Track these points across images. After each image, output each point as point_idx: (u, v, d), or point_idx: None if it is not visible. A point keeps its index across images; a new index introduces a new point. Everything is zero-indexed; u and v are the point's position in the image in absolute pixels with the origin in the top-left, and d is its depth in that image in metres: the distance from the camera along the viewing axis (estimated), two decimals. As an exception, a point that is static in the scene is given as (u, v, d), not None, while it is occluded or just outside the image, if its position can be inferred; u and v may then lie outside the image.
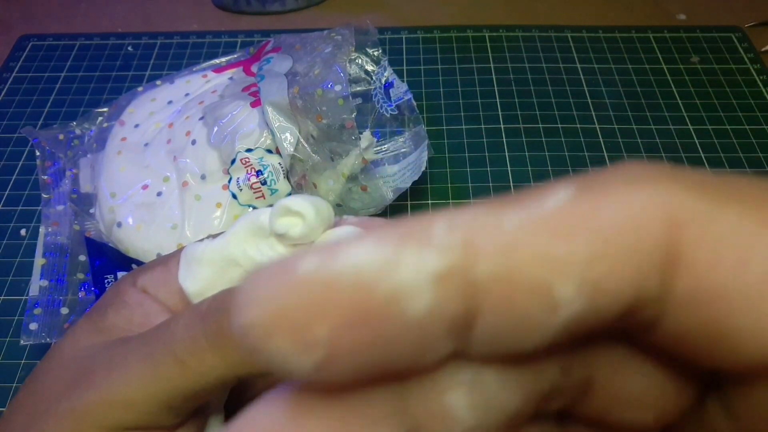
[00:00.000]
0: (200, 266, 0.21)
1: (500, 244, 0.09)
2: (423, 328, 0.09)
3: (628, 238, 0.09)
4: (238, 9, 0.56)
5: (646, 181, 0.10)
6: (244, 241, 0.20)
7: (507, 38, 0.53)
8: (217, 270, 0.20)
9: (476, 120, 0.46)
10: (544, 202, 0.10)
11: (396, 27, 0.54)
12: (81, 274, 0.35)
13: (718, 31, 0.53)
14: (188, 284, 0.21)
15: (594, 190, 0.10)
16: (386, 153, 0.41)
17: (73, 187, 0.39)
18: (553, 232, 0.09)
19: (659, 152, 0.44)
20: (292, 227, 0.19)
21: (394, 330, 0.09)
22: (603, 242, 0.09)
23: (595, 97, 0.48)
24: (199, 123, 0.38)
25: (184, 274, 0.21)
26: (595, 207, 0.10)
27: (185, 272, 0.21)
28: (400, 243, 0.09)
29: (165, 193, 0.36)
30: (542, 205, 0.10)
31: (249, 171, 0.36)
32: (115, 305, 0.21)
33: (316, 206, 0.19)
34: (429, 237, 0.09)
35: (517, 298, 0.09)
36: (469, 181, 0.42)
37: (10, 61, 0.52)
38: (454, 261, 0.09)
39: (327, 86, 0.37)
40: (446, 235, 0.09)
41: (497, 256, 0.09)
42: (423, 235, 0.09)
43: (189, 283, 0.21)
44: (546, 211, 0.10)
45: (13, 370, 0.34)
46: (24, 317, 0.34)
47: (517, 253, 0.09)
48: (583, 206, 0.10)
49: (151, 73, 0.50)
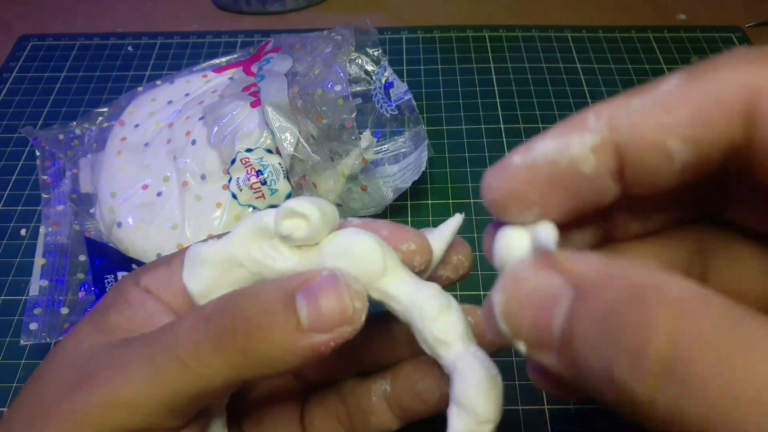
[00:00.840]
0: (204, 267, 0.20)
1: (630, 120, 0.15)
2: (594, 179, 0.16)
3: (717, 104, 0.14)
4: (238, 9, 0.56)
5: (734, 63, 0.15)
6: (248, 242, 0.20)
7: (507, 38, 0.53)
8: (220, 271, 0.20)
9: (476, 120, 0.46)
10: (661, 88, 0.15)
11: (396, 27, 0.54)
12: (81, 274, 0.35)
13: (718, 31, 0.53)
14: (192, 284, 0.21)
15: (695, 75, 0.15)
16: (386, 153, 0.41)
17: (73, 187, 0.39)
18: (663, 107, 0.15)
19: (659, 152, 0.44)
20: (296, 229, 0.19)
21: (578, 184, 0.16)
22: (698, 109, 0.14)
23: (595, 97, 0.48)
24: (199, 123, 0.38)
25: (188, 275, 0.21)
26: (694, 86, 0.15)
27: (189, 273, 0.21)
28: (568, 132, 0.16)
29: (165, 193, 0.36)
30: (658, 89, 0.15)
31: (249, 171, 0.36)
32: (117, 305, 0.21)
33: (320, 208, 0.19)
34: (585, 124, 0.16)
35: (644, 153, 0.15)
36: (469, 181, 0.42)
37: (10, 61, 0.52)
38: (603, 136, 0.15)
39: (327, 86, 0.37)
40: (595, 121, 0.16)
41: (628, 127, 0.15)
42: (581, 124, 0.16)
43: (193, 283, 0.21)
44: (659, 93, 0.15)
45: (13, 370, 0.34)
46: (24, 317, 0.34)
47: (640, 124, 0.15)
48: (685, 87, 0.15)
49: (151, 73, 0.50)
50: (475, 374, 0.18)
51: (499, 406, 0.19)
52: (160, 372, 0.18)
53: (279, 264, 0.20)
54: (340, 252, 0.19)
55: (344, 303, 0.18)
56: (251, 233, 0.20)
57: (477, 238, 0.39)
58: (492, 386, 0.19)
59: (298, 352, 0.18)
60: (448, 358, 0.19)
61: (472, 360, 0.19)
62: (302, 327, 0.18)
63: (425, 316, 0.19)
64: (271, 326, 0.18)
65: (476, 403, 0.18)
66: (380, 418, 0.24)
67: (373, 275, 0.19)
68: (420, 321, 0.19)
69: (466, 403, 0.18)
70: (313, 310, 0.18)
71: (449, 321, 0.19)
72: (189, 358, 0.18)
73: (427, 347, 0.20)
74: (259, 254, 0.20)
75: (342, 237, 0.20)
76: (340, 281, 0.18)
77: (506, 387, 0.32)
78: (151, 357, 0.19)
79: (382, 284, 0.19)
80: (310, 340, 0.18)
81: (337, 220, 0.20)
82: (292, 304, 0.18)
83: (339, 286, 0.18)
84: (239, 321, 0.18)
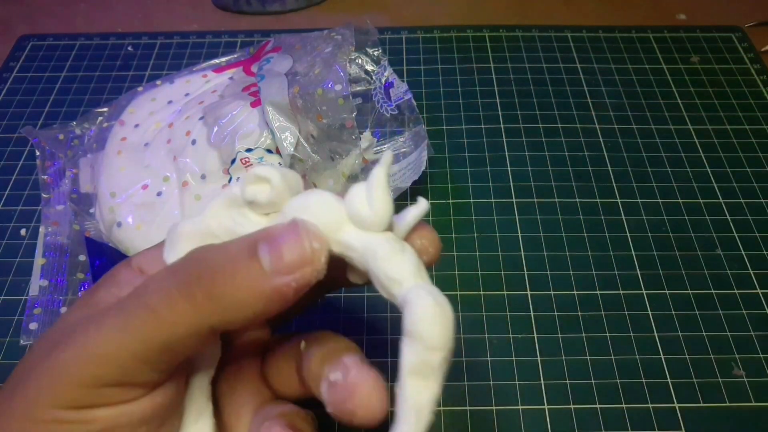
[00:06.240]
0: (181, 241, 0.22)
1: None
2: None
3: None
4: (238, 9, 0.56)
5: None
6: (220, 213, 0.22)
7: (507, 38, 0.53)
8: (197, 243, 0.21)
9: (476, 120, 0.46)
10: None
11: (396, 27, 0.54)
12: (81, 274, 0.35)
13: (718, 31, 0.53)
14: (171, 259, 0.22)
15: None
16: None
17: (73, 187, 0.39)
18: None
19: (659, 152, 0.44)
20: (260, 193, 0.21)
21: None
22: None
23: (595, 97, 0.48)
24: (199, 123, 0.38)
25: (167, 251, 0.22)
26: None
27: (169, 248, 0.22)
28: None
29: (165, 193, 0.36)
30: None
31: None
32: (106, 284, 0.22)
33: (282, 173, 0.21)
34: None
35: None
36: (469, 181, 0.42)
37: (10, 61, 0.52)
38: None
39: (327, 86, 0.37)
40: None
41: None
42: None
43: (171, 257, 0.22)
44: None
45: (13, 370, 0.34)
46: (24, 317, 0.34)
47: None
48: None
49: (151, 73, 0.50)
50: (423, 303, 0.19)
51: (447, 335, 0.19)
52: (130, 322, 0.19)
53: (247, 229, 0.21)
54: (299, 208, 0.21)
55: (303, 245, 0.19)
56: (223, 205, 0.22)
57: (477, 238, 0.39)
58: (440, 314, 0.19)
59: (262, 293, 0.19)
60: (400, 294, 0.20)
61: (420, 290, 0.19)
62: (265, 270, 0.19)
63: (378, 257, 0.20)
64: (234, 271, 0.19)
65: (424, 331, 0.19)
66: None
67: (331, 227, 0.20)
68: (374, 263, 0.20)
69: (415, 333, 0.19)
70: (274, 254, 0.19)
71: (401, 260, 0.20)
72: (157, 304, 0.19)
73: (382, 288, 0.20)
74: (229, 222, 0.21)
75: (301, 196, 0.21)
76: (299, 226, 0.19)
77: (506, 387, 0.33)
78: (122, 309, 0.19)
79: (339, 236, 0.20)
80: (272, 282, 0.19)
81: (300, 186, 0.22)
82: (255, 252, 0.19)
83: (298, 231, 0.19)
84: (205, 268, 0.19)
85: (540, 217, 0.40)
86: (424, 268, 0.21)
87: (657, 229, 0.39)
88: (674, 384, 0.33)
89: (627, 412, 0.32)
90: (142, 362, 0.19)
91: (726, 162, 0.43)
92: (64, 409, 0.19)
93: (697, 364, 0.34)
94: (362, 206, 0.20)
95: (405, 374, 0.19)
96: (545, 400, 0.32)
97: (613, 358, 0.34)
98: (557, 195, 0.41)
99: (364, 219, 0.20)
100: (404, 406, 0.19)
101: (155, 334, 0.19)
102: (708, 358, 0.34)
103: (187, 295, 0.19)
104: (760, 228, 0.39)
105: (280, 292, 0.19)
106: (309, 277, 0.19)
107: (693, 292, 0.37)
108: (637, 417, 0.32)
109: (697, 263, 0.38)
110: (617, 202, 0.41)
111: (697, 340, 0.34)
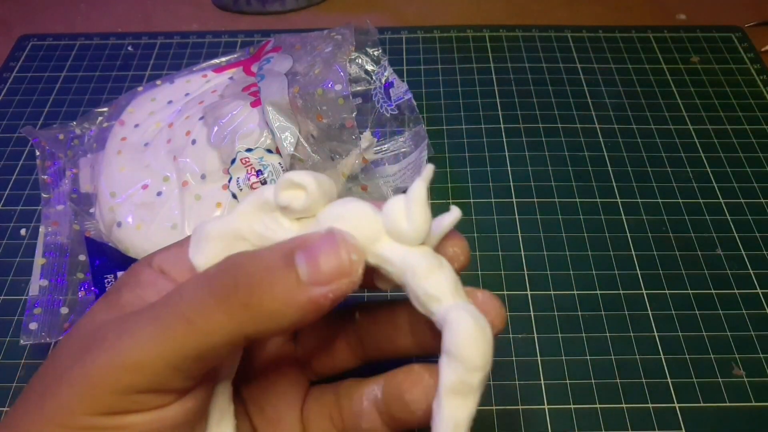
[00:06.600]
0: (209, 242, 0.21)
1: None
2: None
3: None
4: (238, 9, 0.56)
5: None
6: (250, 216, 0.21)
7: (507, 38, 0.53)
8: (225, 245, 0.21)
9: (476, 120, 0.46)
10: None
11: (396, 27, 0.54)
12: (81, 273, 0.35)
13: (718, 31, 0.53)
14: (198, 260, 0.21)
15: None
16: (386, 153, 0.41)
17: (73, 186, 0.39)
18: None
19: (659, 152, 0.44)
20: (294, 199, 0.20)
21: None
22: None
23: (595, 97, 0.48)
24: (199, 123, 0.38)
25: (193, 251, 0.21)
26: None
27: (195, 249, 0.21)
28: None
29: (165, 193, 0.36)
30: None
31: (249, 171, 0.36)
32: (129, 284, 0.22)
33: (318, 179, 0.20)
34: None
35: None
36: (469, 181, 0.42)
37: (10, 61, 0.52)
38: None
39: (327, 86, 0.37)
40: None
41: None
42: None
43: (198, 258, 0.21)
44: None
45: (13, 370, 0.34)
46: (24, 317, 0.34)
47: None
48: None
49: (151, 73, 0.50)
50: (464, 323, 0.19)
51: (488, 355, 0.19)
52: (166, 330, 0.19)
53: (279, 235, 0.21)
54: (335, 217, 0.20)
55: (341, 256, 0.19)
56: (253, 207, 0.21)
57: (477, 238, 0.39)
58: (481, 335, 0.19)
59: (298, 304, 0.19)
60: (439, 312, 0.20)
61: (461, 311, 0.19)
62: (301, 281, 0.18)
63: (417, 274, 0.20)
64: (271, 281, 0.19)
65: (465, 352, 0.19)
66: (370, 423, 0.24)
67: (368, 239, 0.20)
68: (412, 279, 0.20)
69: (455, 352, 0.19)
70: (311, 264, 0.19)
71: (440, 277, 0.20)
72: (193, 314, 0.19)
73: (420, 305, 0.20)
74: (260, 227, 0.21)
75: (337, 204, 0.20)
76: (337, 236, 0.19)
77: (506, 387, 0.32)
78: (157, 317, 0.19)
79: (376, 248, 0.20)
80: (309, 292, 0.18)
81: (334, 193, 0.21)
82: (292, 261, 0.19)
83: (335, 241, 0.19)
84: (241, 277, 0.19)
85: (540, 217, 0.40)
86: (461, 285, 0.21)
87: (657, 229, 0.39)
88: (674, 384, 0.33)
89: (627, 412, 0.32)
90: (176, 370, 0.19)
91: (726, 162, 0.43)
92: (99, 415, 0.19)
93: (697, 364, 0.34)
94: (401, 220, 0.20)
95: (444, 392, 0.19)
96: (545, 400, 0.32)
97: (613, 358, 0.34)
98: (557, 195, 0.41)
99: (402, 233, 0.20)
100: (441, 423, 0.19)
101: (190, 343, 0.19)
102: (708, 358, 0.34)
103: (224, 304, 0.19)
104: (760, 228, 0.39)
105: (316, 303, 0.19)
106: (345, 289, 0.19)
107: (693, 292, 0.37)
108: (637, 417, 0.32)
109: (697, 263, 0.38)
110: (617, 202, 0.41)
111: (697, 340, 0.34)
